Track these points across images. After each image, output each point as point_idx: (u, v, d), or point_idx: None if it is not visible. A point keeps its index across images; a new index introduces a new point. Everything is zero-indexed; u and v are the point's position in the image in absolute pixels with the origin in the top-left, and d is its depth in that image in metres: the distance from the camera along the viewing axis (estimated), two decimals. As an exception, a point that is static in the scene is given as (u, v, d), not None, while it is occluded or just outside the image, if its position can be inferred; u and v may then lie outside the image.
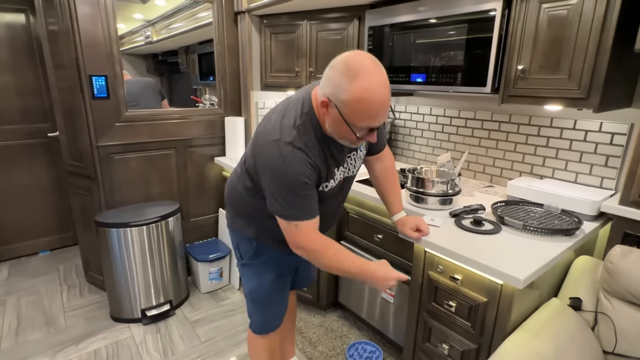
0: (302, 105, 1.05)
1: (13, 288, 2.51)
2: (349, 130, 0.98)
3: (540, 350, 1.07)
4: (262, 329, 1.41)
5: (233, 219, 1.32)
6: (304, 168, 1.00)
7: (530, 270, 1.06)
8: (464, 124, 2.03)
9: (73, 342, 1.99)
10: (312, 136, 1.04)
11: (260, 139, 1.05)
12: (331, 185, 1.14)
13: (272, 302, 1.37)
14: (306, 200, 1.04)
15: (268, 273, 1.31)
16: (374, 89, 0.91)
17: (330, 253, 1.10)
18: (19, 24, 2.64)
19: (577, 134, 1.61)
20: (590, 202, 1.40)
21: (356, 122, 0.96)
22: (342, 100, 0.93)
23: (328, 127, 1.03)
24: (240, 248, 1.33)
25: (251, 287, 1.34)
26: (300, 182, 1.00)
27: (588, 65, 1.24)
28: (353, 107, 0.93)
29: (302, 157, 1.00)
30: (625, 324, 1.18)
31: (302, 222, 1.05)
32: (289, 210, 1.04)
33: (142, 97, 2.60)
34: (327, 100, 0.97)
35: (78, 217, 2.42)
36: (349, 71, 0.91)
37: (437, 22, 1.62)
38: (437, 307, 1.32)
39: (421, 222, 1.31)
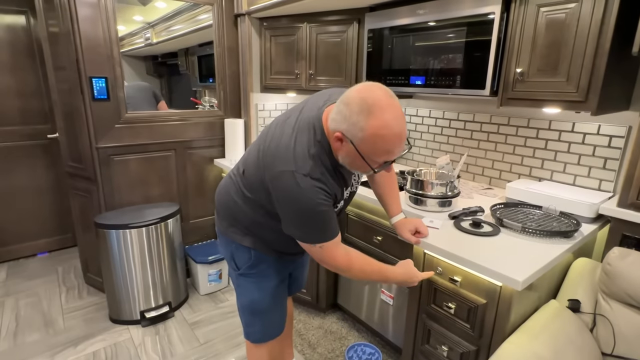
0: (314, 132, 1.03)
1: (11, 290, 2.51)
2: (365, 164, 0.97)
3: (538, 352, 1.07)
4: (263, 337, 1.36)
5: (228, 227, 1.26)
6: (322, 197, 1.00)
7: (529, 272, 1.07)
8: (463, 127, 2.04)
9: (72, 344, 1.99)
10: (328, 164, 1.03)
11: (274, 166, 1.02)
12: (340, 206, 1.17)
13: (273, 310, 1.34)
14: (327, 223, 1.05)
15: (268, 282, 1.28)
16: (391, 124, 0.90)
17: (357, 267, 1.14)
18: (20, 25, 2.65)
19: (576, 136, 1.62)
20: (588, 204, 1.40)
21: (373, 157, 0.96)
22: (359, 137, 0.92)
23: (341, 159, 1.02)
24: (236, 258, 1.27)
25: (251, 298, 1.29)
26: (320, 211, 1.01)
27: (586, 68, 1.25)
28: (371, 144, 0.92)
29: (320, 187, 1.00)
30: (624, 326, 1.18)
31: (327, 243, 1.06)
32: (312, 235, 1.05)
33: (134, 100, 2.58)
34: (341, 136, 0.95)
35: (77, 218, 2.42)
36: (363, 108, 0.90)
37: (436, 25, 1.63)
38: (437, 309, 1.33)
39: (420, 224, 1.31)
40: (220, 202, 1.28)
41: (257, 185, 1.11)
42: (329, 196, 1.03)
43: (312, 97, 1.13)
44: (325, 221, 1.04)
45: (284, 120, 1.09)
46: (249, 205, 1.17)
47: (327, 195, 1.02)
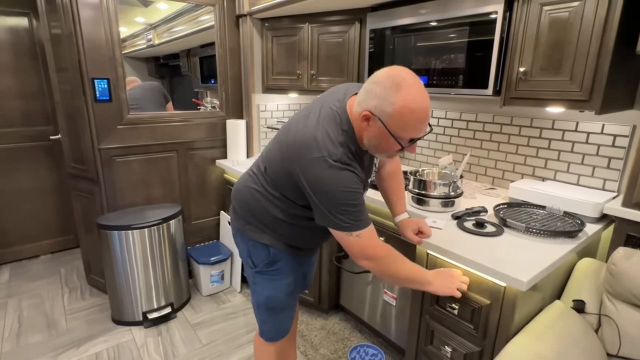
0: (340, 121, 1.04)
1: (14, 291, 2.51)
2: (392, 142, 0.99)
3: (543, 354, 1.06)
4: (275, 335, 1.38)
5: (245, 225, 1.26)
6: (355, 181, 1.01)
7: (533, 272, 1.06)
8: (466, 126, 2.03)
9: (74, 345, 1.99)
10: (354, 153, 1.05)
11: (304, 156, 1.01)
12: (365, 194, 1.18)
13: (287, 308, 1.35)
14: (362, 209, 1.04)
15: (283, 279, 1.28)
16: (419, 99, 0.94)
17: (398, 256, 1.12)
18: (22, 27, 2.66)
19: (579, 136, 1.61)
20: (592, 204, 1.40)
21: (401, 133, 0.97)
22: (388, 112, 0.95)
23: (367, 142, 1.04)
24: (253, 255, 1.28)
25: (268, 295, 1.30)
26: (355, 195, 1.01)
27: (590, 67, 1.24)
28: (399, 119, 0.95)
29: (353, 171, 1.01)
30: (630, 326, 1.17)
31: (364, 231, 1.04)
32: (350, 222, 1.03)
33: (144, 101, 2.60)
34: (369, 114, 0.97)
35: (80, 219, 2.42)
36: (393, 83, 0.94)
37: (438, 25, 1.63)
38: (440, 309, 1.32)
39: (423, 224, 1.30)
40: (239, 199, 1.27)
41: (284, 179, 1.10)
42: (360, 181, 1.04)
43: (328, 94, 1.14)
44: (361, 206, 1.04)
45: (305, 115, 1.09)
46: (273, 203, 1.18)
47: (359, 180, 1.03)
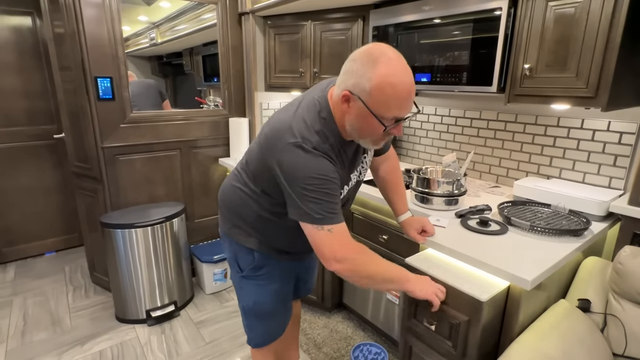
0: (319, 110, 1.00)
1: (19, 289, 2.53)
2: (375, 123, 0.92)
3: (548, 353, 1.05)
4: (264, 341, 1.34)
5: (231, 228, 1.23)
6: (331, 170, 0.97)
7: (538, 271, 1.05)
8: (470, 124, 2.02)
9: (78, 343, 2.00)
10: (333, 142, 1.00)
11: (279, 143, 0.96)
12: (346, 191, 1.11)
13: (276, 314, 1.30)
14: (337, 202, 0.98)
15: (271, 284, 1.25)
16: (399, 73, 0.88)
17: (373, 255, 1.04)
18: (26, 26, 2.67)
19: (585, 133, 1.59)
20: (598, 202, 1.38)
21: (383, 112, 0.91)
22: (366, 89, 0.89)
23: (349, 127, 0.98)
24: (239, 259, 1.25)
25: (254, 300, 1.26)
26: (330, 185, 0.95)
27: (596, 63, 1.22)
28: (379, 94, 0.88)
29: (328, 162, 0.97)
30: (636, 325, 1.16)
31: (336, 226, 0.97)
32: (322, 214, 0.95)
33: (139, 98, 2.59)
34: (348, 94, 0.92)
35: (83, 218, 2.43)
36: (370, 59, 0.88)
37: (442, 22, 1.61)
38: (418, 323, 1.22)
39: (427, 223, 1.29)
40: (224, 200, 1.25)
41: (262, 170, 1.06)
42: (337, 172, 0.98)
43: (314, 87, 1.11)
44: (336, 199, 0.97)
45: (288, 107, 1.06)
46: (253, 199, 1.14)
47: (335, 171, 0.97)
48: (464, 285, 1.09)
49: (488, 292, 1.06)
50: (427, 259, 1.25)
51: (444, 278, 1.13)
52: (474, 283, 1.09)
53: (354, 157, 1.11)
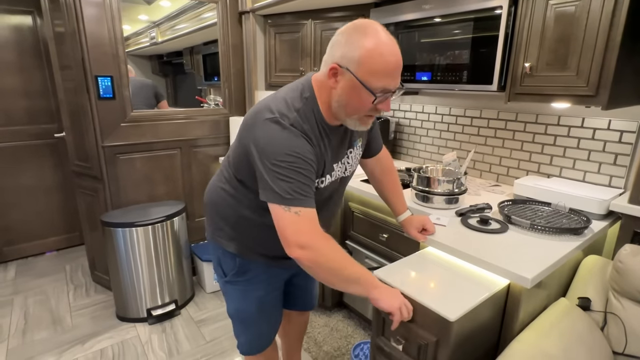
0: (302, 90, 0.98)
1: (20, 288, 2.53)
2: (363, 95, 0.90)
3: (548, 351, 1.05)
4: (250, 350, 1.31)
5: (214, 231, 1.20)
6: (308, 150, 0.93)
7: (538, 269, 1.05)
8: (470, 123, 2.02)
9: (79, 342, 2.00)
10: (314, 123, 0.97)
11: (255, 121, 0.95)
12: (327, 181, 1.06)
13: (260, 322, 1.26)
14: (309, 183, 0.92)
15: (255, 291, 1.20)
16: (387, 43, 0.88)
17: (340, 249, 0.96)
18: (26, 25, 2.67)
19: (585, 132, 1.59)
20: (598, 200, 1.38)
21: (372, 82, 0.88)
22: (354, 58, 0.87)
23: (336, 104, 0.95)
24: (223, 264, 1.21)
25: (237, 307, 1.24)
26: (304, 165, 0.91)
27: (596, 62, 1.22)
28: (369, 63, 0.87)
29: (305, 141, 0.93)
30: (636, 324, 1.16)
31: (305, 209, 0.90)
32: (292, 194, 0.89)
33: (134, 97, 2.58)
34: (336, 66, 0.90)
35: (84, 217, 2.44)
36: (358, 30, 0.88)
37: (442, 21, 1.61)
38: (386, 341, 1.16)
39: (427, 222, 1.29)
40: (208, 201, 1.22)
41: (240, 156, 1.02)
42: (313, 155, 0.94)
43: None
44: (307, 180, 0.91)
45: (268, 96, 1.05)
46: (234, 197, 1.11)
47: (312, 152, 0.93)
48: (433, 302, 0.99)
49: (458, 310, 0.96)
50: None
51: (413, 294, 1.02)
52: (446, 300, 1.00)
53: (338, 146, 1.06)
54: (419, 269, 1.20)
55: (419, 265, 1.22)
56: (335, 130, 1.03)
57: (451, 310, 0.96)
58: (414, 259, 1.25)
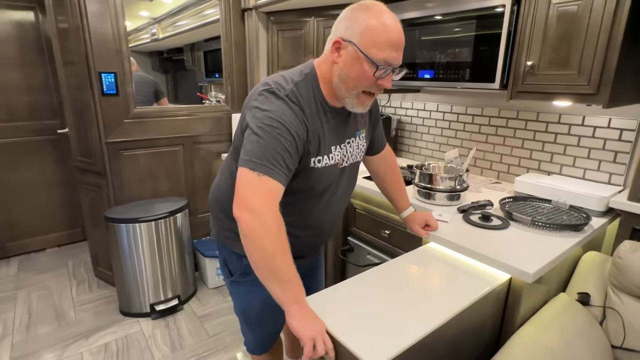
0: (302, 69, 1.00)
1: (23, 283, 2.55)
2: (365, 67, 0.91)
3: (549, 345, 1.07)
4: (255, 349, 1.33)
5: (220, 231, 1.20)
6: (296, 124, 0.91)
7: (539, 264, 1.07)
8: (471, 121, 2.04)
9: (83, 336, 2.02)
10: (311, 97, 0.97)
11: (252, 95, 0.96)
12: (326, 162, 1.03)
13: (265, 322, 1.27)
14: (284, 156, 0.88)
15: (261, 292, 1.13)
16: (391, 18, 0.91)
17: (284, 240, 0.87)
18: (28, 21, 2.67)
19: (586, 130, 1.61)
20: (598, 198, 1.40)
21: (374, 52, 0.89)
22: (358, 31, 0.90)
23: (337, 79, 0.95)
24: (229, 264, 1.22)
25: (243, 307, 1.25)
26: (286, 132, 0.88)
27: (598, 60, 1.24)
28: (371, 34, 0.89)
29: (295, 109, 0.92)
30: (634, 318, 1.19)
31: (270, 179, 0.86)
32: (262, 160, 0.86)
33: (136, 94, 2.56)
34: (340, 40, 0.92)
35: (87, 213, 2.45)
36: (362, 7, 0.91)
37: (445, 19, 1.62)
38: None
39: (430, 218, 1.31)
40: (212, 200, 1.23)
41: (241, 140, 0.98)
42: (304, 128, 0.93)
43: None
44: (285, 152, 0.88)
45: None
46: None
47: (302, 125, 0.92)
48: (354, 344, 0.81)
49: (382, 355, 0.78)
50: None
51: (337, 334, 0.84)
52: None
53: (338, 128, 1.05)
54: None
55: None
56: (336, 112, 1.03)
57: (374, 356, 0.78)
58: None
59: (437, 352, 0.97)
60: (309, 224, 1.13)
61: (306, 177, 1.01)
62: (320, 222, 1.16)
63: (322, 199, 1.10)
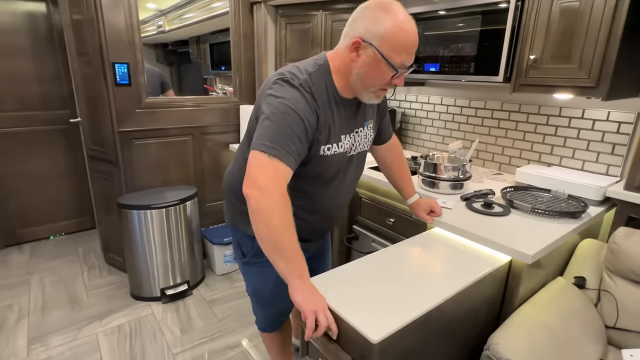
0: (316, 59, 1.04)
1: (35, 268, 2.62)
2: (384, 69, 0.96)
3: (546, 322, 1.14)
4: (265, 327, 1.41)
5: (234, 215, 1.25)
6: (306, 106, 0.96)
7: (538, 247, 1.13)
8: (474, 114, 2.09)
9: (97, 318, 2.09)
10: (323, 88, 1.01)
11: (267, 83, 1.02)
12: (335, 150, 1.07)
13: (276, 301, 1.32)
14: (294, 142, 0.93)
15: (272, 272, 1.18)
16: (409, 22, 0.95)
17: (290, 218, 0.92)
18: (40, 12, 2.71)
19: (585, 122, 1.67)
20: (596, 187, 1.46)
21: (394, 57, 0.95)
22: (379, 33, 0.93)
23: (355, 76, 1.00)
24: (242, 246, 1.27)
25: (255, 286, 1.31)
26: (299, 115, 0.94)
27: (598, 55, 1.30)
28: (392, 38, 0.93)
29: (308, 98, 0.97)
30: (627, 300, 1.25)
31: (280, 162, 0.91)
32: (274, 143, 0.91)
33: None
34: (359, 41, 0.95)
35: (98, 200, 2.51)
36: (381, 7, 0.95)
37: (451, 14, 1.68)
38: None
39: (435, 204, 1.37)
40: (225, 186, 1.29)
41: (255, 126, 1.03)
42: (314, 115, 0.98)
43: None
44: (296, 139, 0.94)
45: None
46: None
47: (313, 112, 0.98)
48: (356, 320, 0.87)
49: (383, 330, 0.84)
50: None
51: (336, 307, 0.91)
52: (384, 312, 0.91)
53: (348, 118, 1.10)
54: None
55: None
56: (347, 103, 1.08)
57: (376, 328, 0.84)
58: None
59: (438, 327, 1.03)
60: (317, 209, 1.19)
61: (316, 164, 1.06)
62: (328, 207, 1.21)
63: (331, 186, 1.16)
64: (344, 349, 0.93)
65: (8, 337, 1.94)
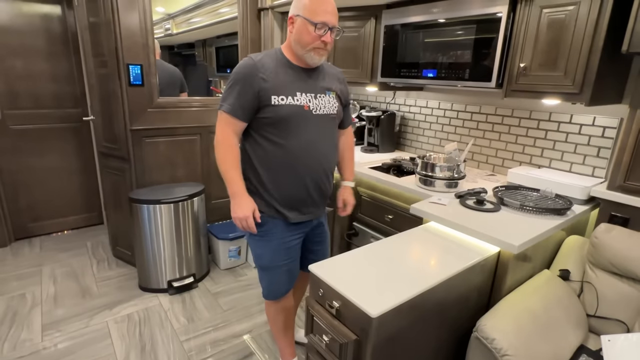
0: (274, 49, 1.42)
1: (46, 260, 2.71)
2: (309, 27, 1.27)
3: (531, 308, 1.24)
4: (268, 294, 1.56)
5: None
6: (251, 67, 1.30)
7: (524, 239, 1.23)
8: (470, 118, 2.20)
9: (107, 307, 2.19)
10: (273, 56, 1.35)
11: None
12: (290, 102, 1.32)
13: (275, 269, 1.50)
14: (236, 97, 1.30)
15: (270, 240, 1.45)
16: None
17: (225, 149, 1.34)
18: (55, 14, 2.83)
19: (573, 127, 1.78)
20: (581, 187, 1.57)
21: (314, 16, 1.26)
22: (301, 6, 1.28)
23: (293, 42, 1.33)
24: None
25: (256, 254, 1.51)
26: (243, 76, 1.30)
27: (581, 63, 1.41)
28: (310, 5, 1.27)
29: (250, 62, 1.31)
30: (607, 290, 1.36)
31: (223, 113, 1.32)
32: (224, 97, 1.32)
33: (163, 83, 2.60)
34: (291, 17, 1.32)
35: (109, 195, 2.61)
36: None
37: (448, 23, 1.79)
38: (313, 338, 1.17)
39: (348, 196, 1.63)
40: None
41: None
42: (260, 70, 1.29)
43: None
44: (237, 94, 1.30)
45: None
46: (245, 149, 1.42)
47: (257, 69, 1.29)
48: (356, 298, 0.99)
49: (381, 306, 0.95)
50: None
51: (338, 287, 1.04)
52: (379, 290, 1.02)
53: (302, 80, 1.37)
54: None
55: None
56: (299, 68, 1.37)
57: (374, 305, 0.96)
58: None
59: (431, 310, 1.14)
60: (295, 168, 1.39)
61: (273, 112, 1.32)
62: (306, 164, 1.39)
63: (301, 138, 1.36)
64: (345, 325, 1.04)
65: (23, 323, 2.03)
